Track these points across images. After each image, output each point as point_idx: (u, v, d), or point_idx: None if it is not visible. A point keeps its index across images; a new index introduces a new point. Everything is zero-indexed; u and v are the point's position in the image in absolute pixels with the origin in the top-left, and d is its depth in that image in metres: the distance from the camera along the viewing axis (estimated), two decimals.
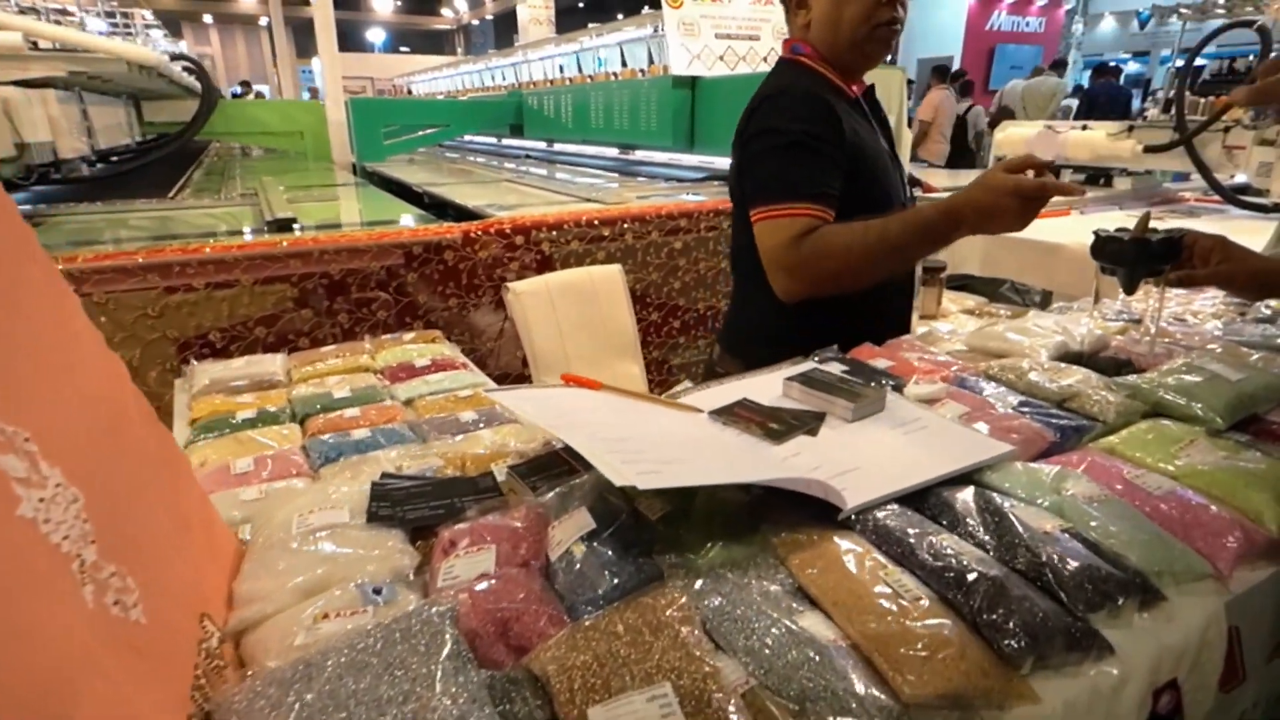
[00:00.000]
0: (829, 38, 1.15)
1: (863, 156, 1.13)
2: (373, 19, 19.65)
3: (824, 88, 1.15)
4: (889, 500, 0.61)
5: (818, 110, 1.08)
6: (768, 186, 1.08)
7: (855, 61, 1.17)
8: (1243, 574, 0.60)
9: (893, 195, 1.20)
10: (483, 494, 0.65)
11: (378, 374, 1.51)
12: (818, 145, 1.07)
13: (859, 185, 1.12)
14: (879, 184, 1.16)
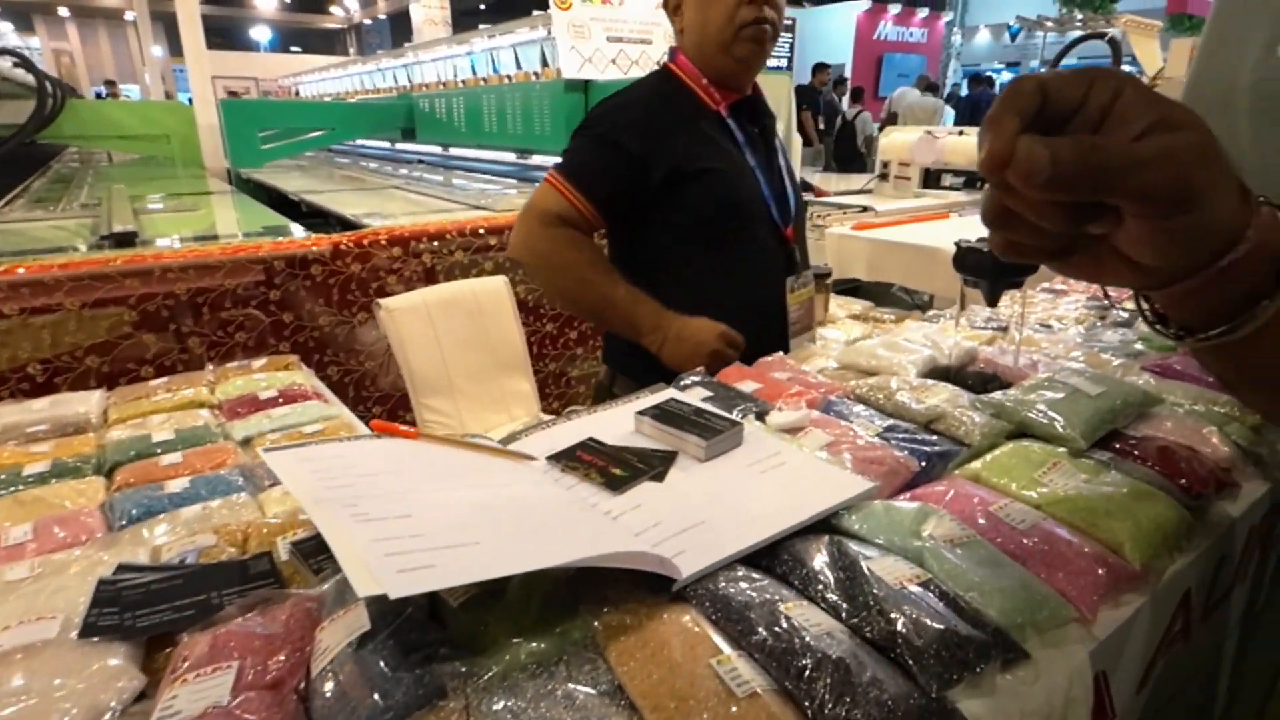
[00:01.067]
0: (699, 43, 1.15)
1: (703, 172, 1.12)
2: (257, 16, 18.57)
3: (677, 101, 1.16)
4: (733, 560, 0.53)
5: (636, 123, 1.12)
6: (564, 159, 1.16)
7: (727, 66, 1.15)
8: (1106, 613, 0.56)
9: (747, 209, 1.17)
10: (254, 582, 0.53)
11: (215, 409, 1.35)
12: (611, 146, 1.11)
13: (699, 199, 1.12)
14: (731, 198, 1.14)
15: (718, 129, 1.16)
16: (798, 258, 1.23)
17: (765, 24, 1.11)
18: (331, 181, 5.01)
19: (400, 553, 0.40)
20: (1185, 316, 0.42)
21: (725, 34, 1.11)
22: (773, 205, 1.19)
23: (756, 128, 1.23)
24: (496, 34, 5.21)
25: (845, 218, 2.75)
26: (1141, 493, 0.65)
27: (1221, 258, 0.36)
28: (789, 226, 1.22)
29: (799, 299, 1.21)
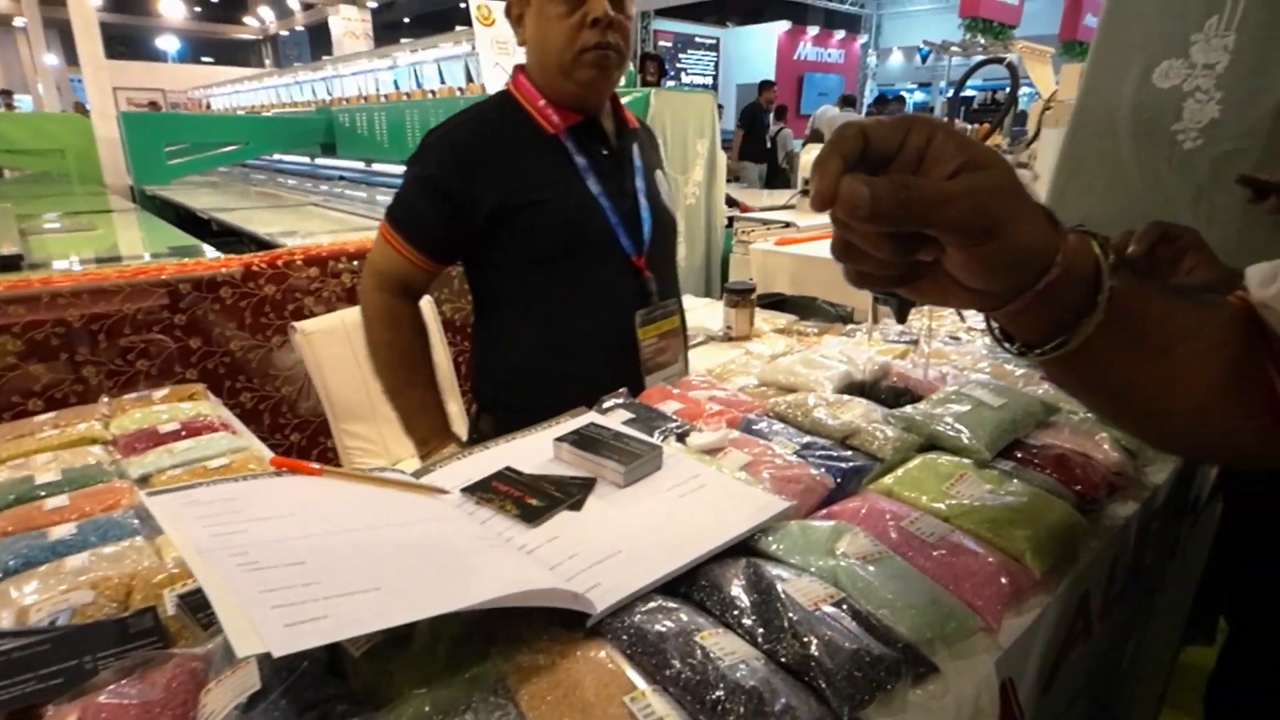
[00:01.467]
0: (539, 61, 1.10)
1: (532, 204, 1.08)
2: (164, 25, 17.71)
3: (509, 127, 1.11)
4: (651, 589, 0.53)
5: (457, 159, 1.08)
6: (394, 205, 1.14)
7: (568, 89, 1.09)
8: (1010, 621, 0.58)
9: (586, 239, 1.12)
10: (134, 642, 0.49)
11: (109, 445, 1.26)
12: (432, 189, 1.08)
13: (529, 232, 1.09)
14: (564, 229, 1.10)
15: (553, 155, 1.11)
16: (652, 288, 1.16)
17: (609, 50, 1.05)
18: (245, 199, 4.80)
19: (289, 604, 0.38)
20: (1024, 334, 0.46)
21: (565, 57, 1.05)
22: (621, 233, 1.13)
23: (605, 149, 1.16)
24: (420, 49, 5.13)
25: (769, 233, 2.82)
26: (1041, 501, 0.68)
27: (1039, 281, 0.40)
28: (642, 255, 1.16)
29: (655, 332, 1.15)
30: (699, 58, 13.94)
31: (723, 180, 3.43)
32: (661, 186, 1.25)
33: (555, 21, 1.04)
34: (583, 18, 1.03)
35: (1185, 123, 1.41)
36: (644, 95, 2.99)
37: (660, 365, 1.18)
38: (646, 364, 1.15)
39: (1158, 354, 0.46)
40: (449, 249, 1.14)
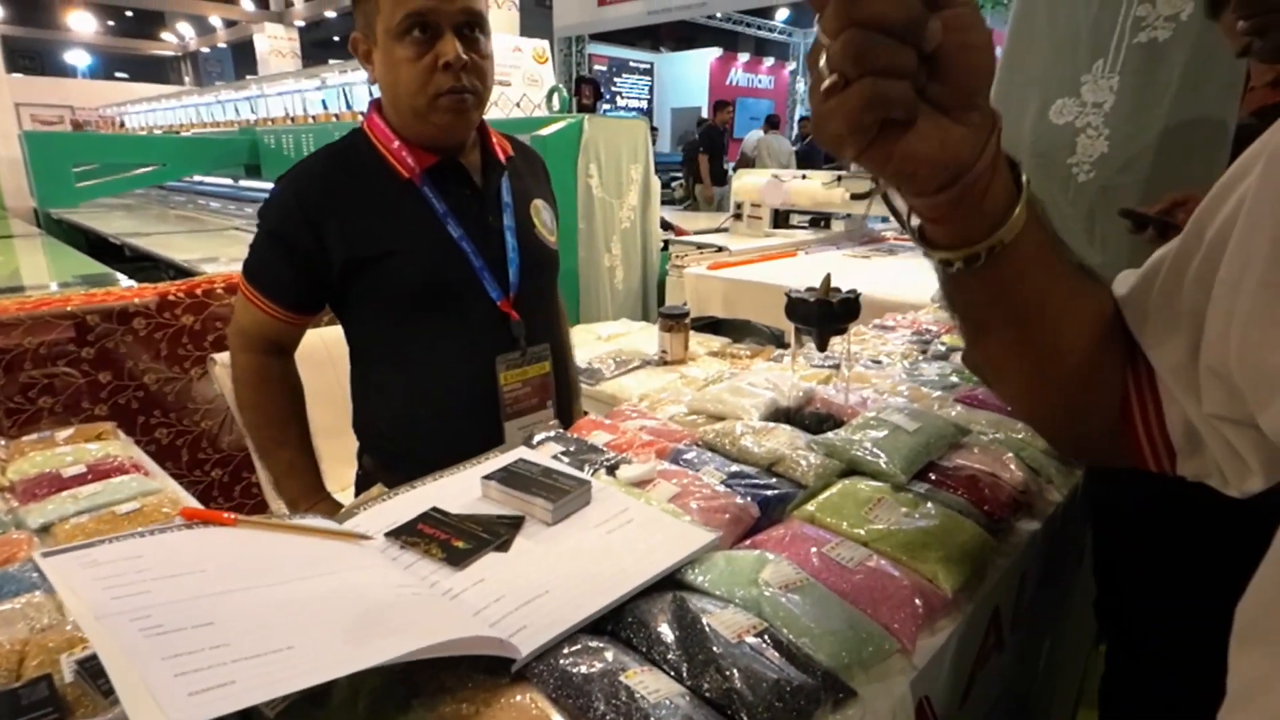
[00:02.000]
0: (391, 103, 1.06)
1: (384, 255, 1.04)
2: (73, 39, 16.85)
3: (359, 172, 1.06)
4: (577, 629, 0.53)
5: (304, 213, 1.03)
6: (249, 259, 1.10)
7: (425, 132, 1.05)
8: (925, 641, 0.61)
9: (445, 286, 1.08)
10: (26, 714, 0.46)
11: (6, 492, 1.18)
12: (281, 241, 1.05)
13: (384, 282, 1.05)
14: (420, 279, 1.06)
15: (409, 200, 1.06)
16: (519, 332, 1.12)
17: (464, 93, 1.00)
18: (163, 223, 4.59)
19: (195, 670, 0.36)
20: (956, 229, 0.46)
21: (419, 102, 1.00)
22: (486, 276, 1.08)
23: (467, 189, 1.11)
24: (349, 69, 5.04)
25: (703, 257, 2.87)
26: (952, 523, 0.71)
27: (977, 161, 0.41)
28: (508, 297, 1.11)
29: (519, 377, 1.12)
30: (634, 82, 14.18)
31: (657, 204, 3.48)
32: (542, 217, 1.20)
33: (405, 65, 0.99)
34: (434, 60, 0.98)
35: (1079, 156, 1.52)
36: (577, 121, 3.01)
37: (521, 412, 1.13)
38: (506, 410, 1.11)
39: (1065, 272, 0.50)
40: (309, 301, 1.10)
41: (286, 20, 12.93)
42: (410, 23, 0.97)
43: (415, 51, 0.98)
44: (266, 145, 5.32)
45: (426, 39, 0.98)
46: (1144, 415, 0.51)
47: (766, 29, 15.42)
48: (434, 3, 0.96)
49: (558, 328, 1.27)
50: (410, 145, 1.06)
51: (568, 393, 1.28)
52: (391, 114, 1.06)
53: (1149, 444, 0.51)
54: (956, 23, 0.37)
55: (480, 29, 1.03)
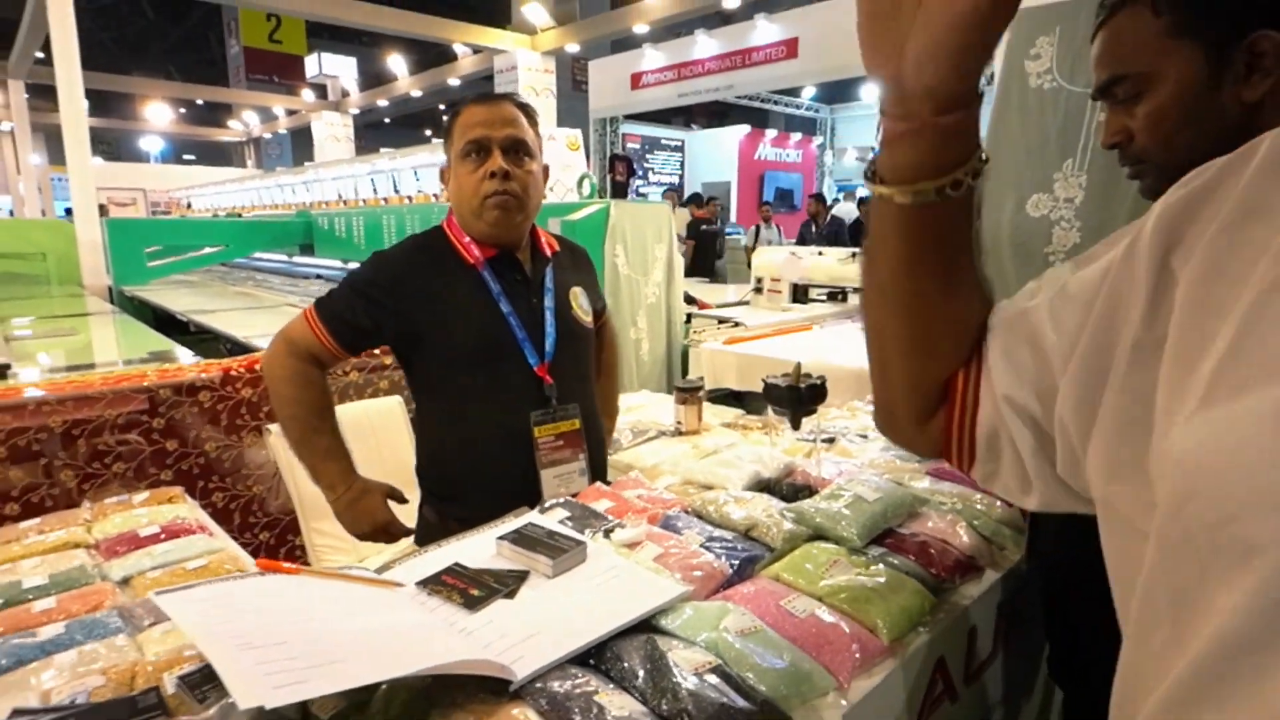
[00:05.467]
0: (457, 208, 1.33)
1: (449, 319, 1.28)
2: (149, 129, 18.30)
3: (438, 256, 1.32)
4: (564, 661, 0.66)
5: (389, 279, 1.28)
6: (325, 299, 1.30)
7: (480, 229, 1.31)
8: (861, 683, 0.72)
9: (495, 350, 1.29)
10: (142, 715, 0.60)
11: (92, 549, 1.34)
12: (361, 295, 1.28)
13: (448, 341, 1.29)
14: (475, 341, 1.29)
15: (472, 281, 1.31)
16: (551, 393, 1.32)
17: (506, 196, 1.26)
18: (223, 299, 4.95)
19: (277, 671, 0.51)
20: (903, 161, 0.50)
21: (474, 203, 1.27)
22: (527, 347, 1.31)
23: (519, 275, 1.35)
24: (398, 156, 5.45)
25: (720, 332, 3.03)
26: (896, 582, 0.83)
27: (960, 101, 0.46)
28: (544, 363, 1.33)
29: (551, 431, 1.32)
30: (665, 158, 14.77)
31: (680, 280, 3.68)
32: (579, 302, 1.44)
33: (465, 176, 1.28)
34: (484, 172, 1.26)
35: (1054, 246, 1.66)
36: (605, 207, 3.26)
37: (556, 462, 1.33)
38: (541, 459, 1.31)
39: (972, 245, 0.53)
40: (356, 346, 1.32)
41: (342, 109, 13.93)
42: (470, 147, 1.26)
43: (472, 167, 1.26)
44: (320, 227, 5.74)
45: (480, 158, 1.26)
46: (962, 407, 0.54)
47: (794, 106, 16.04)
48: (486, 131, 1.26)
49: (589, 391, 1.46)
50: (477, 242, 1.31)
51: (600, 448, 1.48)
52: (459, 219, 1.33)
53: (956, 437, 0.55)
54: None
55: (525, 152, 1.30)
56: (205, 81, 16.91)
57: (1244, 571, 0.32)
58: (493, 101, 1.29)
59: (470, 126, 1.26)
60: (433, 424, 1.36)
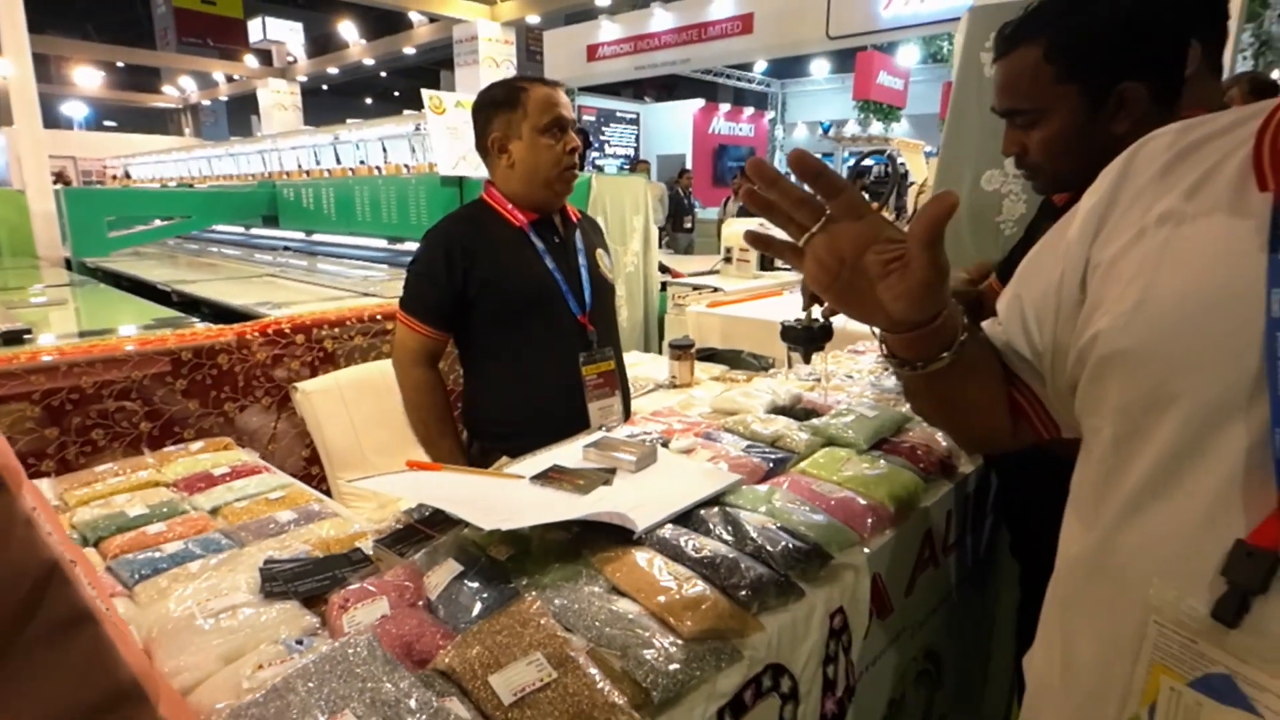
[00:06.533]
0: (528, 177, 1.49)
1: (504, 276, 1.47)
2: (72, 93, 17.30)
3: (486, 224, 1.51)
4: (665, 521, 0.88)
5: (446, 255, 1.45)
6: (403, 295, 1.49)
7: (545, 197, 1.52)
8: (876, 539, 0.97)
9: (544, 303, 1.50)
10: (356, 565, 0.80)
11: (171, 487, 1.49)
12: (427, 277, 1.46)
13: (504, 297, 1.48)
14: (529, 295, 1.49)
15: (520, 240, 1.50)
16: (593, 338, 1.55)
17: (575, 168, 1.51)
18: (192, 270, 4.92)
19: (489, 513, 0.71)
20: (908, 353, 0.65)
21: (553, 172, 1.47)
22: (570, 298, 1.52)
23: (556, 238, 1.56)
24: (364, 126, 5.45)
25: (700, 297, 3.26)
26: (895, 472, 1.07)
27: (935, 319, 0.60)
28: (585, 313, 1.54)
29: (594, 371, 1.55)
30: (621, 130, 14.82)
31: (655, 250, 3.89)
32: (603, 261, 1.66)
33: (547, 149, 1.46)
34: (564, 147, 1.47)
35: (1004, 216, 1.93)
36: (586, 179, 3.43)
37: (599, 396, 1.57)
38: (589, 394, 1.55)
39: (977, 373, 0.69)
40: (449, 322, 1.51)
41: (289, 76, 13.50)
42: (553, 124, 1.45)
43: (552, 141, 1.46)
44: (285, 197, 5.70)
45: (559, 135, 1.46)
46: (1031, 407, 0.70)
47: (745, 80, 16.25)
48: (563, 112, 1.47)
49: (616, 338, 1.70)
50: (519, 207, 1.50)
51: (626, 384, 1.73)
52: (518, 185, 1.50)
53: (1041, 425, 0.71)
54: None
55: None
56: (127, 43, 16.03)
57: (1172, 411, 0.52)
58: (556, 85, 1.49)
59: (550, 106, 1.44)
60: (490, 369, 1.55)
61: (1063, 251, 0.64)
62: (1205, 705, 0.49)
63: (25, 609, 0.29)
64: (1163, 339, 0.53)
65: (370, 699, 0.55)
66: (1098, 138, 0.92)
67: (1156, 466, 0.54)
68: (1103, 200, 0.62)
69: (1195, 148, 0.57)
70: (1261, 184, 0.51)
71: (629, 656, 0.64)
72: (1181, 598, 0.51)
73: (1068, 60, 0.91)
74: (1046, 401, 0.69)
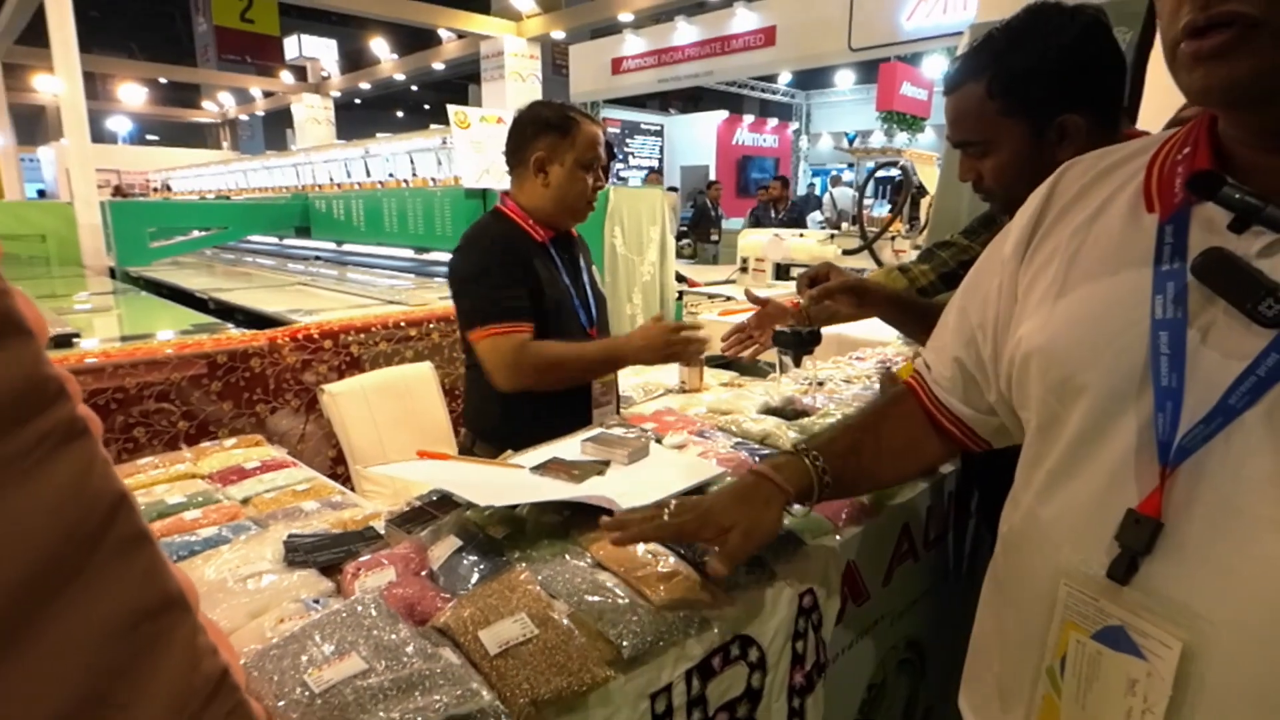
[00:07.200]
0: (556, 202, 1.59)
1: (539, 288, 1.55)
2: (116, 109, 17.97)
3: (516, 236, 1.60)
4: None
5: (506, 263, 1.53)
6: (484, 310, 1.49)
7: (565, 220, 1.64)
8: (850, 529, 1.03)
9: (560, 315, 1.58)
10: (369, 541, 0.89)
11: (206, 479, 1.60)
12: (512, 279, 1.52)
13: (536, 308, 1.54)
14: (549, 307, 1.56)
15: (544, 255, 1.59)
16: None
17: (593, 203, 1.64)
18: (228, 279, 5.12)
19: (486, 492, 0.80)
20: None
21: (580, 203, 1.60)
22: (580, 311, 1.62)
23: (567, 255, 1.66)
24: (393, 140, 5.63)
25: (714, 305, 3.34)
26: None
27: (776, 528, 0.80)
28: (593, 325, 1.65)
29: (602, 381, 1.64)
30: (644, 142, 14.98)
31: (672, 259, 3.98)
32: (597, 276, 1.78)
33: (580, 181, 1.58)
34: (594, 183, 1.60)
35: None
36: (605, 190, 3.53)
37: (601, 404, 1.66)
38: (595, 401, 1.63)
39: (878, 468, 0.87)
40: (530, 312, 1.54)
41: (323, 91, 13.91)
42: (592, 160, 1.57)
43: (588, 175, 1.58)
44: (317, 209, 5.91)
45: (592, 170, 1.58)
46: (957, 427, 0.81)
47: (770, 91, 16.33)
48: (601, 152, 1.59)
49: None
50: (539, 223, 1.60)
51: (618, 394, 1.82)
52: (547, 204, 1.59)
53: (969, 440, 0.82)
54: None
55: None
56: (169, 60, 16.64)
57: (1081, 400, 0.60)
58: (600, 125, 1.62)
59: (594, 144, 1.57)
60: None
61: (999, 264, 0.72)
62: (1104, 654, 0.56)
63: (103, 526, 0.38)
64: (1070, 337, 0.61)
65: (374, 645, 0.64)
66: (1045, 163, 0.98)
67: (1068, 448, 0.61)
68: (1032, 219, 0.69)
69: (1106, 173, 0.65)
70: (1149, 207, 0.58)
71: (604, 619, 0.72)
72: (1085, 561, 0.58)
73: (1008, 97, 0.98)
74: (968, 419, 0.79)
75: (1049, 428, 0.64)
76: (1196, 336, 0.53)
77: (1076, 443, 0.60)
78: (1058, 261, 0.65)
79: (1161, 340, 0.54)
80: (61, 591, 0.37)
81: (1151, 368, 0.54)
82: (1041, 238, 0.68)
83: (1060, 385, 0.61)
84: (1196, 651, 0.50)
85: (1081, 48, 0.95)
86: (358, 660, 0.61)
